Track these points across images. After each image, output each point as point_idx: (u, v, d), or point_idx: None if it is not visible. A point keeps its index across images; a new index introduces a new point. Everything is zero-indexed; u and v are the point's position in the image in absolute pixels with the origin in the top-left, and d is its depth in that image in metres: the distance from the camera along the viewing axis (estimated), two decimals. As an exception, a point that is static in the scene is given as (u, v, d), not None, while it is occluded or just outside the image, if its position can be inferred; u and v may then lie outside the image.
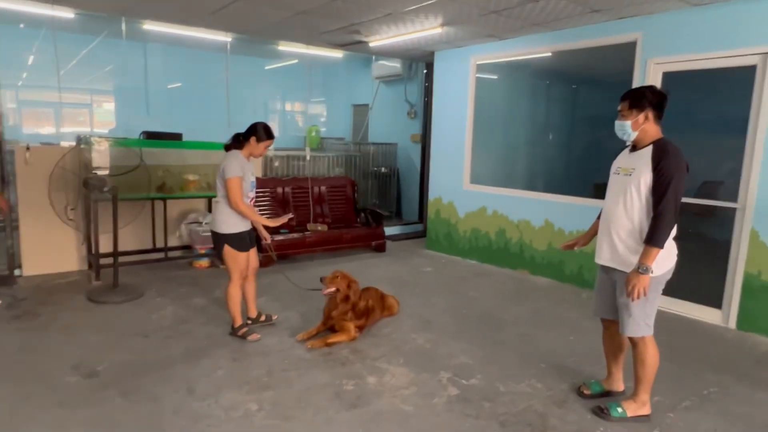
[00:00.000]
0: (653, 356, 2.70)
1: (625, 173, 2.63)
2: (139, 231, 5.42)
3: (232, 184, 3.36)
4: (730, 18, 4.00)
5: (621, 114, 2.62)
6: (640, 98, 2.57)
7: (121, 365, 3.20)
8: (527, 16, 4.67)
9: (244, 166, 3.45)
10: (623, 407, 2.75)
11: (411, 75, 8.20)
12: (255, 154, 3.54)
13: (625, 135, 2.63)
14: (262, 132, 3.48)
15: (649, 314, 2.64)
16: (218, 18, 5.14)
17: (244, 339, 3.61)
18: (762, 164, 3.92)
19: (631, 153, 2.67)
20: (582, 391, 3.00)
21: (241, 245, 3.54)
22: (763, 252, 3.97)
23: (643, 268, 2.46)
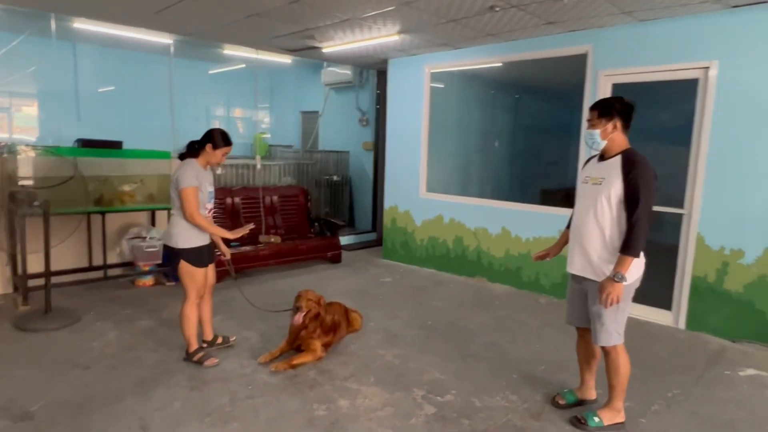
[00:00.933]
0: (625, 364, 2.74)
1: (594, 182, 2.65)
2: (72, 248, 4.93)
3: (187, 195, 3.11)
4: (674, 34, 4.21)
5: (590, 123, 2.66)
6: (609, 108, 2.61)
7: (59, 404, 2.84)
8: (484, 26, 4.71)
9: (200, 176, 3.20)
10: (599, 416, 2.76)
11: (362, 82, 8.11)
12: (212, 162, 3.29)
13: (594, 144, 2.67)
14: (219, 138, 3.25)
15: (620, 323, 2.67)
16: (162, 18, 4.79)
17: (200, 365, 3.32)
18: (706, 173, 4.14)
19: (600, 162, 2.69)
20: (557, 401, 3.00)
21: (198, 260, 3.27)
22: (709, 255, 4.19)
23: (618, 276, 2.49)
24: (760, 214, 3.92)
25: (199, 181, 3.17)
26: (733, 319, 4.11)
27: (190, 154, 3.28)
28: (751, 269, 4.01)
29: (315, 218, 6.85)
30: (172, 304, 4.61)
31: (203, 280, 3.34)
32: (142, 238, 5.10)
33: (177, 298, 4.73)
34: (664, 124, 4.67)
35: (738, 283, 4.07)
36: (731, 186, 4.03)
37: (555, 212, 5.13)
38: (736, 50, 3.94)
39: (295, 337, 3.49)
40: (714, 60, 4.03)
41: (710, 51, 4.05)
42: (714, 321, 4.20)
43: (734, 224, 4.05)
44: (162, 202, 5.24)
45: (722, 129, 4.04)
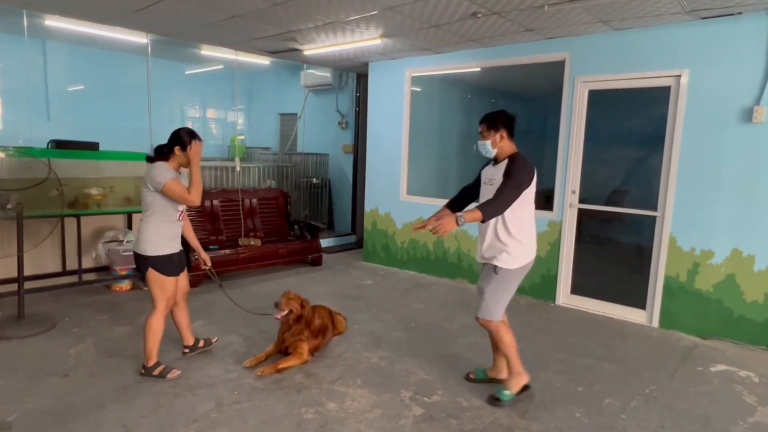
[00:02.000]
0: (507, 335, 3.04)
1: (490, 184, 3.00)
2: (45, 252, 4.77)
3: (172, 188, 2.99)
4: (648, 43, 4.37)
5: (481, 135, 3.01)
6: (495, 121, 2.98)
7: (37, 413, 2.75)
8: (465, 32, 4.79)
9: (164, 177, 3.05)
10: (508, 388, 3.04)
11: (342, 85, 8.11)
12: (185, 164, 3.13)
13: (486, 152, 3.03)
14: (185, 135, 3.09)
15: (499, 301, 2.98)
16: (141, 17, 4.70)
17: (162, 378, 3.16)
18: (677, 176, 4.31)
19: (494, 166, 3.05)
20: (469, 375, 3.34)
21: (169, 269, 3.15)
22: (681, 256, 4.36)
23: (461, 219, 2.66)
24: (729, 216, 4.11)
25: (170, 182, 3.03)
26: (703, 317, 4.28)
27: (159, 158, 3.15)
28: (719, 269, 4.18)
29: (295, 221, 6.81)
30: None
31: (174, 290, 3.22)
32: (119, 242, 4.99)
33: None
34: (639, 130, 4.83)
35: (708, 283, 4.25)
36: (701, 189, 4.21)
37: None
38: (706, 59, 4.12)
39: (281, 339, 3.47)
40: (685, 68, 4.20)
41: (681, 60, 4.22)
42: (686, 319, 4.37)
43: (704, 226, 4.22)
44: (138, 204, 5.11)
45: (693, 134, 4.21)
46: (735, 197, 4.07)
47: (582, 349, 3.96)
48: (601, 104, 4.80)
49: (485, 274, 3.02)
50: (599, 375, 3.49)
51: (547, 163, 5.25)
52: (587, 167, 4.90)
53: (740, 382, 3.47)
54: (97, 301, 4.68)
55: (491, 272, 2.96)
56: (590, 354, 3.85)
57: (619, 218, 4.91)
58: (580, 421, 2.88)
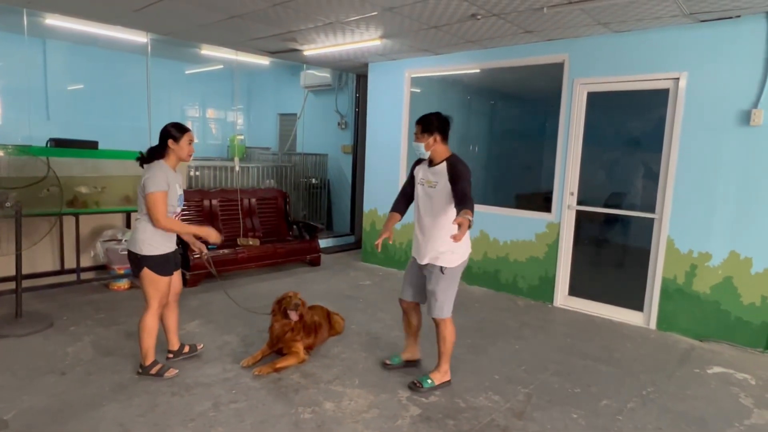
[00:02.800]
0: (452, 333, 3.20)
1: (429, 185, 3.07)
2: (43, 250, 4.77)
3: (155, 200, 2.93)
4: (646, 45, 4.39)
5: (416, 137, 3.08)
6: (428, 124, 3.05)
7: (35, 412, 2.75)
8: (464, 33, 4.80)
9: (170, 178, 3.04)
10: (431, 378, 3.19)
11: (341, 85, 8.12)
12: (183, 156, 3.10)
13: (420, 154, 3.11)
14: (174, 129, 3.06)
15: (450, 298, 3.14)
16: (141, 17, 4.71)
17: (159, 377, 3.17)
18: (675, 179, 4.32)
19: (430, 168, 3.11)
20: (385, 363, 3.47)
21: (163, 269, 3.11)
22: (678, 258, 4.37)
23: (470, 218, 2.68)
24: (726, 218, 4.12)
25: (168, 184, 3.01)
26: (700, 319, 4.29)
27: (154, 158, 3.09)
28: (717, 271, 4.19)
29: (294, 221, 6.81)
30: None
31: (167, 289, 3.19)
32: (118, 241, 4.98)
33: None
34: (637, 132, 4.84)
35: (705, 285, 4.25)
36: (699, 191, 4.22)
37: (530, 216, 5.26)
38: (704, 62, 4.13)
39: (277, 340, 3.47)
40: (683, 71, 4.22)
41: (680, 62, 4.23)
42: (683, 321, 4.38)
43: (702, 228, 4.23)
44: (138, 204, 5.12)
45: (691, 137, 4.22)
46: (733, 200, 4.08)
47: (579, 350, 3.96)
48: (599, 106, 4.82)
49: (430, 276, 3.10)
50: (596, 376, 3.50)
51: (545, 165, 5.26)
52: (585, 169, 4.91)
53: (737, 385, 3.47)
54: (95, 300, 4.68)
55: (437, 273, 3.06)
56: (587, 355, 3.86)
57: (617, 220, 4.92)
58: (577, 422, 2.89)
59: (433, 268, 3.08)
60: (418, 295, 3.31)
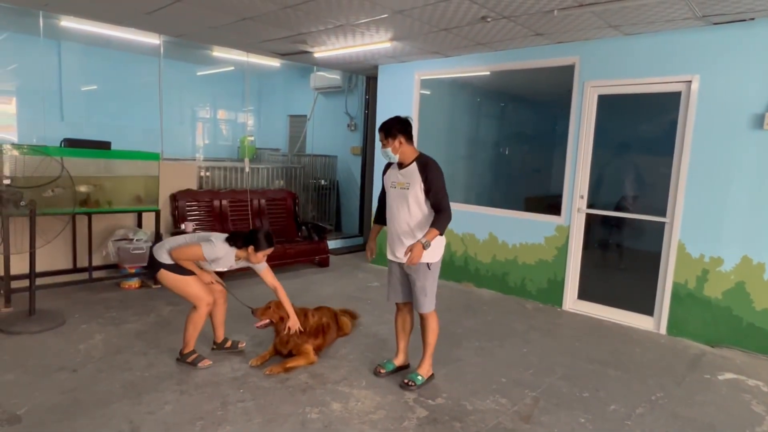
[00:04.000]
0: (437, 325, 3.29)
1: (401, 187, 3.14)
2: (56, 249, 4.84)
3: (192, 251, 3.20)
4: (658, 48, 4.35)
5: (382, 143, 3.15)
6: (390, 128, 3.10)
7: (46, 407, 2.79)
8: (475, 36, 4.80)
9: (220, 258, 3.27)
10: (420, 374, 3.27)
11: (351, 87, 8.15)
12: (252, 261, 3.36)
13: (390, 158, 3.18)
14: (263, 241, 3.30)
15: (434, 292, 3.24)
16: (153, 19, 4.77)
17: (193, 366, 3.33)
18: (687, 182, 4.28)
19: (400, 170, 3.17)
20: (378, 371, 3.40)
21: (180, 268, 3.27)
22: (689, 262, 4.32)
23: (426, 243, 2.93)
24: (739, 223, 4.07)
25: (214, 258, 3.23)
26: (711, 324, 4.24)
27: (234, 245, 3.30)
28: (729, 276, 4.14)
29: (302, 222, 6.84)
30: (159, 306, 4.57)
31: (201, 286, 3.32)
32: (129, 240, 5.05)
33: (164, 301, 4.71)
34: (648, 135, 4.81)
35: (717, 290, 4.21)
36: (711, 195, 4.18)
37: (539, 219, 5.24)
38: (717, 65, 4.09)
39: (285, 342, 3.50)
40: (696, 74, 4.18)
41: (692, 65, 4.20)
42: (694, 326, 4.33)
43: (713, 233, 4.19)
44: (149, 204, 5.19)
45: (703, 140, 4.18)
46: (745, 204, 4.03)
47: (588, 354, 3.94)
48: (610, 109, 4.79)
49: (417, 274, 3.14)
50: (605, 381, 3.47)
51: (555, 168, 5.24)
52: (596, 172, 4.89)
53: (748, 391, 3.43)
54: (107, 298, 4.74)
55: (423, 270, 3.13)
56: (596, 359, 3.83)
57: (628, 224, 4.88)
58: (584, 426, 2.87)
59: (419, 266, 3.12)
60: (407, 295, 3.35)
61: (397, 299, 3.38)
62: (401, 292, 3.34)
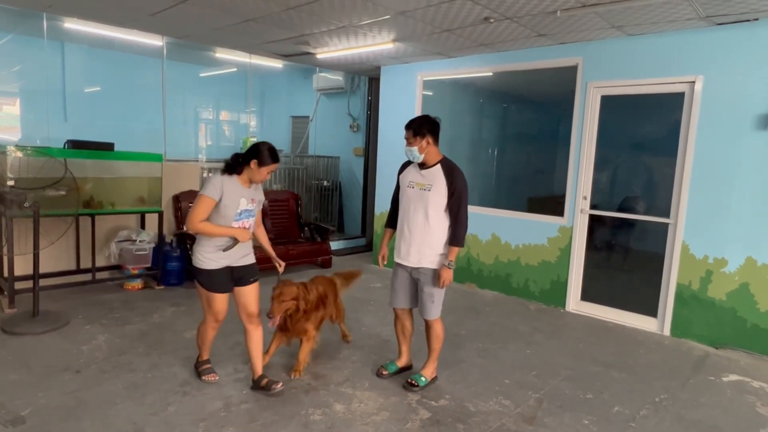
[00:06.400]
0: (443, 331, 3.26)
1: (421, 188, 3.07)
2: (59, 250, 4.85)
3: (196, 202, 2.82)
4: (661, 48, 4.34)
5: (408, 141, 3.04)
6: (420, 127, 3.01)
7: (50, 408, 2.80)
8: (477, 37, 4.80)
9: (230, 190, 2.84)
10: (424, 376, 3.25)
11: (353, 88, 8.15)
12: (256, 179, 2.94)
13: (414, 158, 3.08)
14: (267, 155, 2.88)
15: (441, 300, 3.20)
16: (157, 21, 4.78)
17: (198, 377, 3.20)
18: (691, 183, 4.27)
19: (423, 170, 3.10)
20: (381, 372, 3.38)
21: (212, 284, 2.94)
22: (693, 264, 4.31)
23: (451, 264, 3.03)
24: (743, 224, 4.05)
25: (221, 193, 2.82)
26: (716, 326, 4.22)
27: (233, 169, 2.91)
28: (733, 278, 4.13)
29: (305, 223, 6.85)
30: (162, 307, 4.57)
31: (222, 307, 3.02)
32: (132, 241, 5.05)
33: (166, 301, 4.72)
34: (652, 136, 4.79)
35: (721, 291, 4.19)
36: (715, 196, 4.16)
37: (542, 219, 5.23)
38: (720, 65, 4.08)
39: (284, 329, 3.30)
40: (699, 75, 4.17)
41: (695, 66, 4.19)
42: (698, 328, 4.31)
43: (717, 234, 4.17)
44: (152, 205, 5.20)
45: (707, 141, 4.17)
46: (749, 205, 4.02)
47: (592, 356, 3.92)
48: (613, 110, 4.78)
49: (427, 279, 3.09)
50: (609, 382, 3.46)
51: (558, 169, 5.23)
52: (599, 173, 4.87)
53: (753, 393, 3.41)
54: (110, 299, 4.74)
55: (434, 276, 3.08)
56: (600, 361, 3.82)
57: (631, 225, 4.87)
58: (588, 428, 2.86)
59: (429, 272, 3.08)
60: (410, 301, 3.29)
61: (399, 305, 3.30)
62: (405, 298, 3.27)
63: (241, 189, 2.91)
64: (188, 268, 5.40)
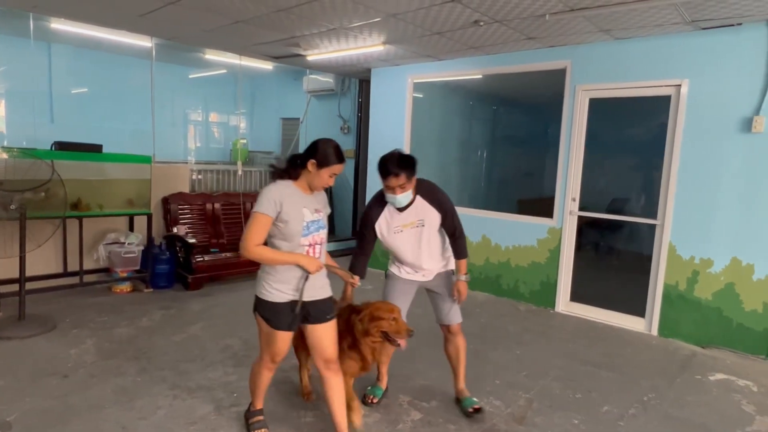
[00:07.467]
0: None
1: (413, 227, 2.79)
2: (46, 253, 4.79)
3: (252, 221, 2.30)
4: (648, 52, 4.41)
5: (400, 188, 2.65)
6: (413, 165, 2.70)
7: (37, 413, 2.76)
8: (467, 39, 4.83)
9: (287, 201, 2.32)
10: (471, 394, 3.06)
11: (344, 90, 8.15)
12: (315, 185, 2.40)
13: (398, 204, 2.74)
14: (330, 153, 2.36)
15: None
16: (146, 22, 4.75)
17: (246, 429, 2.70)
18: (677, 185, 4.33)
19: (402, 211, 2.78)
20: (371, 400, 3.03)
21: (277, 320, 2.40)
22: (680, 264, 4.37)
23: (467, 277, 2.91)
24: (728, 225, 4.12)
25: (283, 207, 2.30)
26: (702, 325, 4.28)
27: (287, 174, 2.44)
28: (719, 278, 4.19)
29: (296, 225, 6.82)
30: (151, 311, 4.54)
31: (282, 347, 2.46)
32: (120, 244, 5.01)
33: (155, 305, 4.69)
34: (639, 138, 4.86)
35: (707, 291, 4.25)
36: (701, 198, 4.23)
37: (532, 221, 5.27)
38: (706, 69, 4.15)
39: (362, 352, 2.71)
40: (685, 78, 4.23)
41: (681, 69, 4.25)
42: (685, 327, 4.37)
43: (703, 235, 4.24)
44: (141, 207, 5.16)
45: (693, 143, 4.23)
46: (735, 206, 4.08)
47: (581, 356, 3.96)
48: (601, 112, 4.84)
49: (448, 283, 2.98)
50: (598, 382, 3.50)
51: (547, 171, 5.28)
52: (587, 175, 4.93)
53: (739, 391, 3.47)
54: (98, 302, 4.69)
55: (450, 278, 3.01)
56: (589, 361, 3.86)
57: (619, 226, 4.93)
58: (578, 428, 2.89)
59: (444, 274, 2.99)
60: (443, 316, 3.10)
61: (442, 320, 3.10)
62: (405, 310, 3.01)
63: (302, 197, 2.39)
64: (177, 270, 5.38)
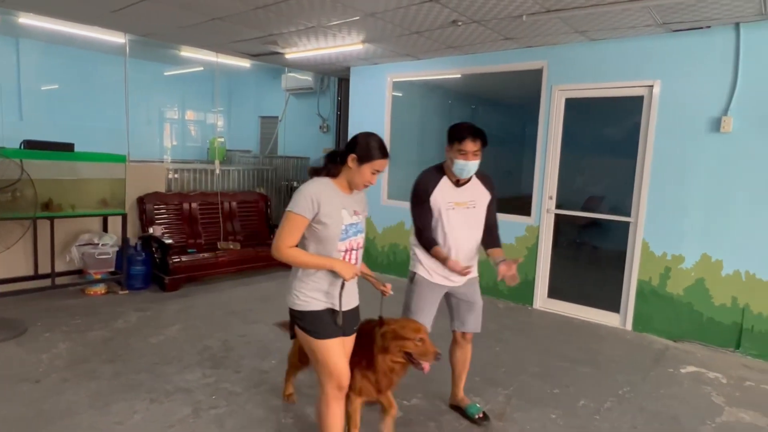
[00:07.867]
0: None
1: (465, 207, 2.73)
2: (16, 255, 4.65)
3: (286, 221, 2.13)
4: (622, 53, 4.50)
5: (474, 154, 2.59)
6: (485, 135, 2.64)
7: (8, 420, 2.68)
8: (446, 39, 4.85)
9: (325, 201, 2.11)
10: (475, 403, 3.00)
11: (323, 89, 8.12)
12: (356, 183, 2.19)
13: (466, 174, 2.65)
14: (372, 146, 2.17)
15: None
16: (119, 18, 4.64)
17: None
18: (650, 183, 4.44)
19: (458, 187, 2.71)
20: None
21: (322, 328, 2.19)
22: (653, 261, 4.48)
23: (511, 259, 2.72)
24: (698, 222, 4.24)
25: (321, 208, 2.10)
26: (674, 320, 4.40)
27: (325, 170, 2.24)
28: (690, 273, 4.31)
29: (275, 225, 6.77)
30: (127, 313, 4.45)
31: (338, 362, 2.20)
32: (94, 245, 4.89)
33: (131, 306, 4.60)
34: (613, 138, 4.96)
35: (679, 287, 4.37)
36: (672, 196, 4.34)
37: (510, 219, 5.33)
38: (677, 70, 4.26)
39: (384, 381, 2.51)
40: (657, 79, 4.34)
41: (654, 70, 4.36)
42: (658, 322, 4.49)
43: (675, 232, 4.35)
44: (115, 207, 5.04)
45: (664, 143, 4.35)
46: (704, 204, 4.21)
47: (558, 351, 4.03)
48: (577, 112, 4.92)
49: (475, 290, 2.91)
50: (575, 377, 3.57)
51: (525, 169, 5.35)
52: (564, 173, 5.01)
53: (709, 383, 3.58)
54: (71, 305, 4.58)
55: (476, 284, 2.92)
56: (566, 357, 3.93)
57: (595, 223, 5.03)
58: (555, 422, 2.94)
59: (476, 281, 2.92)
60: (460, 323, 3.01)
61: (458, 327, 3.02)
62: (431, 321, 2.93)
63: (341, 197, 2.19)
64: (154, 271, 5.28)
